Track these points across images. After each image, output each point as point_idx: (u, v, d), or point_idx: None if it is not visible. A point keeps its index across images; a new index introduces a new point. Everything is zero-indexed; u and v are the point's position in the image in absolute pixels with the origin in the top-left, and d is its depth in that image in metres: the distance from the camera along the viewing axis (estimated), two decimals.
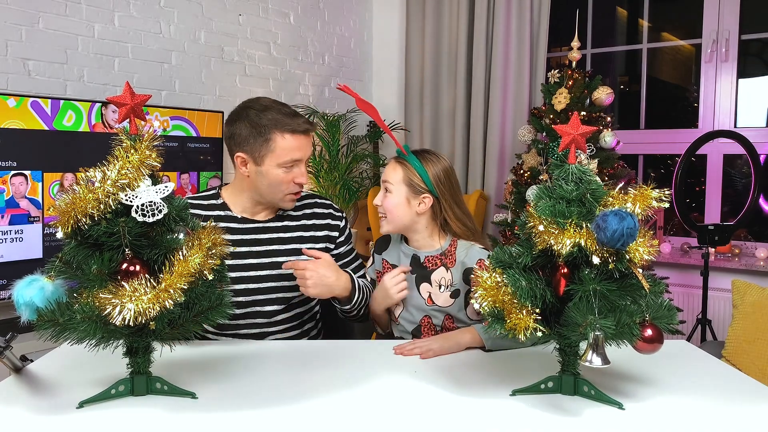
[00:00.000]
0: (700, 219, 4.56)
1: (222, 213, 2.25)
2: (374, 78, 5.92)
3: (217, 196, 2.30)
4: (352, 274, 2.27)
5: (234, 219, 2.25)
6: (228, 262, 2.11)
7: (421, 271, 2.27)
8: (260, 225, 2.27)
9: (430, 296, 2.23)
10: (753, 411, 1.55)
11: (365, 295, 2.30)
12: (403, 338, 2.30)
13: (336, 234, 2.37)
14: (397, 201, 2.23)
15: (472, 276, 1.56)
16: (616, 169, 4.00)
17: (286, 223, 2.31)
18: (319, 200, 2.42)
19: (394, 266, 2.35)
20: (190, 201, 2.22)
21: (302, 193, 2.35)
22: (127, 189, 1.42)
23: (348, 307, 2.24)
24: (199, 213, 2.23)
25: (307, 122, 2.19)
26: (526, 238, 1.55)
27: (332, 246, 2.36)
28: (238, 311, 2.17)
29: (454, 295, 2.20)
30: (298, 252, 2.27)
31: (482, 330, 1.99)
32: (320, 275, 2.11)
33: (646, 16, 4.87)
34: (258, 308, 2.23)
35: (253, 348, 2.00)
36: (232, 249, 1.67)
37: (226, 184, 2.34)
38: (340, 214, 2.42)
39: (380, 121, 2.28)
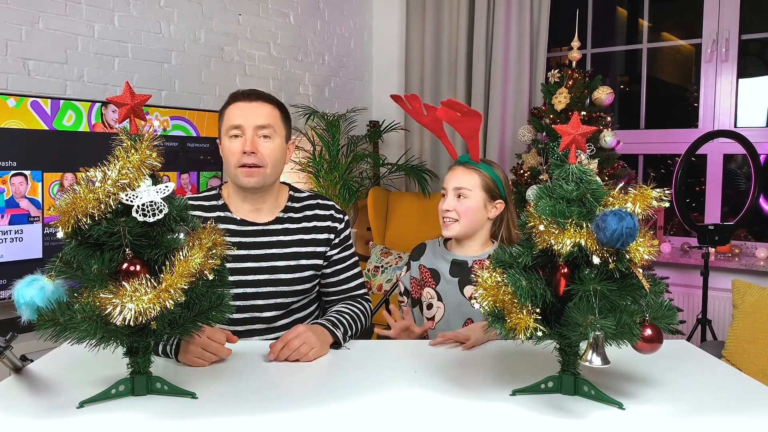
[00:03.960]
0: (700, 219, 4.56)
1: (222, 214, 2.22)
2: (374, 78, 5.93)
3: (218, 196, 2.27)
4: (326, 323, 2.08)
5: (233, 221, 2.22)
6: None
7: (465, 275, 2.32)
8: (260, 228, 2.24)
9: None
10: (753, 411, 1.55)
11: (356, 329, 2.21)
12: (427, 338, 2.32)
13: (332, 236, 2.32)
14: (475, 206, 2.31)
15: (473, 276, 1.56)
16: (616, 169, 4.00)
17: (287, 225, 2.27)
18: (321, 201, 2.37)
19: (431, 271, 2.39)
20: (191, 202, 2.20)
21: (303, 193, 2.35)
22: (128, 189, 1.42)
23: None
24: (200, 214, 2.19)
25: (254, 90, 2.23)
26: (526, 237, 1.55)
27: (327, 248, 2.31)
28: (236, 316, 2.15)
29: None
30: (298, 256, 2.25)
31: None
32: (309, 339, 1.93)
33: (646, 15, 4.87)
34: (257, 314, 2.20)
35: (254, 347, 2.00)
36: (231, 252, 1.66)
37: (226, 182, 2.33)
38: (340, 216, 2.36)
39: (442, 133, 2.32)
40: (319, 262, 2.30)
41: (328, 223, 2.32)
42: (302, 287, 2.26)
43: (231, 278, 2.09)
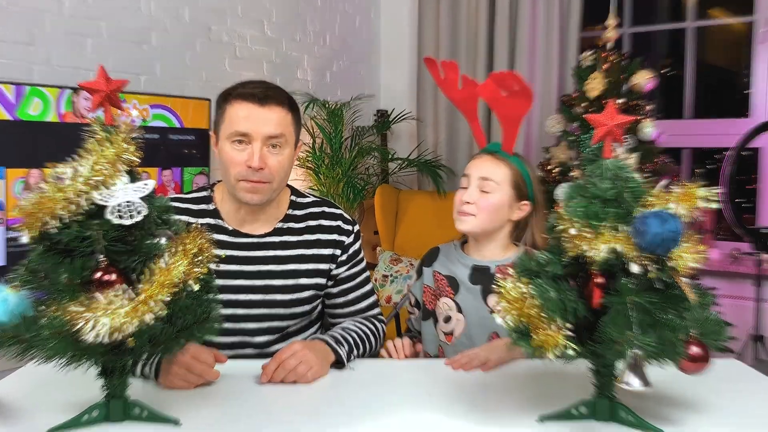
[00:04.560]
0: (752, 221, 4.55)
1: (212, 221, 2.20)
2: (382, 61, 5.92)
3: (209, 199, 2.25)
4: (328, 340, 2.08)
5: (224, 231, 2.19)
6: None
7: (488, 282, 2.26)
8: (255, 240, 2.21)
9: None
10: None
11: (363, 350, 2.19)
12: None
13: (338, 252, 2.28)
14: (499, 203, 2.27)
15: (494, 286, 1.56)
16: (657, 165, 4.00)
17: (286, 238, 2.24)
18: (327, 209, 2.33)
19: (448, 278, 2.36)
20: (177, 204, 2.19)
21: (307, 198, 2.33)
22: (102, 187, 1.42)
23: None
24: (186, 219, 2.10)
25: (266, 89, 2.12)
26: (555, 243, 1.55)
27: (333, 266, 2.28)
28: (224, 340, 2.13)
29: None
30: (298, 274, 2.22)
31: None
32: (306, 357, 1.93)
33: None
34: (247, 338, 2.18)
35: (244, 369, 1.99)
36: (219, 266, 1.66)
37: (219, 181, 2.30)
38: (349, 227, 2.32)
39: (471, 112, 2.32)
40: (322, 281, 2.27)
41: (334, 236, 2.29)
42: (300, 309, 2.24)
43: (220, 297, 2.04)
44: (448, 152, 5.46)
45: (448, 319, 2.34)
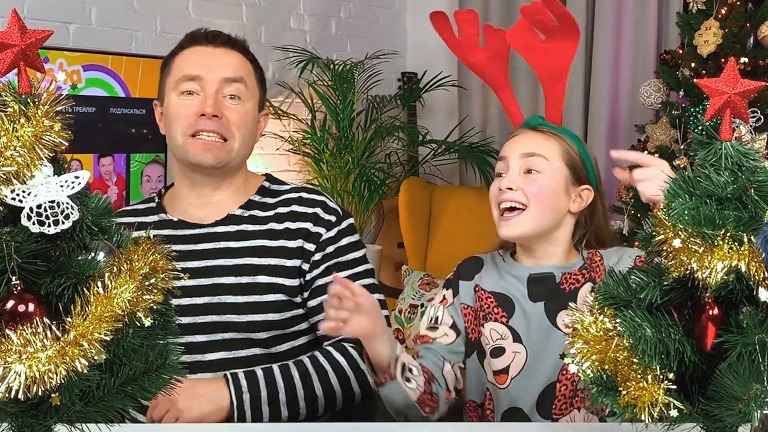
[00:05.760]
0: None
1: (156, 218, 2.30)
2: (410, 5, 5.91)
3: (153, 199, 2.38)
4: (229, 375, 2.14)
5: (169, 224, 2.29)
6: None
7: (554, 296, 2.24)
8: (201, 231, 2.29)
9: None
10: None
11: (307, 390, 2.16)
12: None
13: (310, 246, 2.30)
14: (552, 186, 2.22)
15: (565, 321, 1.55)
16: None
17: (245, 227, 2.30)
18: (306, 195, 2.38)
19: (496, 296, 2.30)
20: (121, 219, 2.22)
21: (286, 185, 2.39)
22: (15, 181, 1.43)
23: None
24: (128, 221, 2.22)
25: (219, 32, 2.29)
26: (652, 259, 1.54)
27: (306, 266, 2.29)
28: None
29: None
30: (255, 270, 2.26)
31: None
32: (174, 404, 1.97)
33: None
34: (198, 356, 2.21)
35: None
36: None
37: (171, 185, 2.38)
38: (330, 218, 2.34)
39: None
40: (291, 282, 2.28)
41: (307, 225, 2.31)
42: (261, 318, 2.25)
43: None
44: (502, 132, 5.45)
45: (499, 353, 2.28)
